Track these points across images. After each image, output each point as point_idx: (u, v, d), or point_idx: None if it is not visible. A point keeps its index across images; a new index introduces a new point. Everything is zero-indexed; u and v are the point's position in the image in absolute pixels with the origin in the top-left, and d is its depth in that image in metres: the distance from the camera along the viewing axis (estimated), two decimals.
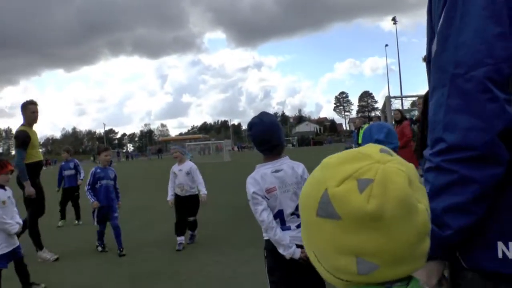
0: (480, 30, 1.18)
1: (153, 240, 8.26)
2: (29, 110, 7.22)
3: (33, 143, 7.11)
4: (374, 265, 0.83)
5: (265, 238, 3.17)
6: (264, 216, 3.03)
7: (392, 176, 0.82)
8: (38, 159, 7.20)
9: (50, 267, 6.79)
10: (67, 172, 10.77)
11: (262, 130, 3.10)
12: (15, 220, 5.27)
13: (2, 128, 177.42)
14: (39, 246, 7.12)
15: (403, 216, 0.81)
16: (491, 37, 1.17)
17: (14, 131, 7.82)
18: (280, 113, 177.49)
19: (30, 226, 6.97)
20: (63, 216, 10.61)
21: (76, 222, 10.72)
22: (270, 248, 3.12)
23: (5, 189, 5.30)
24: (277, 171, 3.11)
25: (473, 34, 1.19)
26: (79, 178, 10.80)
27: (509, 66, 1.18)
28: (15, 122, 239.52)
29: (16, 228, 5.19)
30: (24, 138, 6.99)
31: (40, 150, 7.60)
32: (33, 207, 7.09)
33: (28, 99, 7.38)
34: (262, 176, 3.09)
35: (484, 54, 1.17)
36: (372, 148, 0.88)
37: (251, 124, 3.16)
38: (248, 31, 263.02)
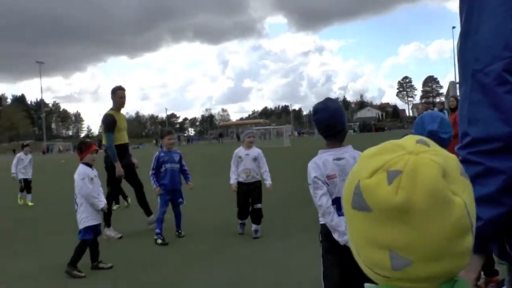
0: (497, 26, 1.22)
1: (210, 222, 8.43)
2: (118, 95, 7.75)
3: (119, 126, 7.61)
4: (407, 260, 0.80)
5: (321, 222, 3.21)
6: (323, 200, 3.08)
7: (422, 167, 0.79)
8: (123, 141, 7.70)
9: (113, 245, 7.07)
10: None
11: (326, 116, 3.14)
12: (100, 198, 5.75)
13: (72, 112, 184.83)
14: (107, 223, 7.44)
15: (434, 209, 0.78)
16: (508, 31, 1.20)
17: (82, 115, 8.34)
18: (341, 98, 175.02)
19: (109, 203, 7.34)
20: (116, 201, 10.18)
21: (116, 207, 10.05)
22: (326, 232, 3.16)
23: (92, 168, 5.80)
24: (339, 159, 3.14)
25: (490, 29, 1.23)
26: None
27: None
28: (84, 107, 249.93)
29: (102, 204, 5.67)
30: (109, 122, 7.45)
31: None
32: (113, 187, 7.49)
33: (117, 85, 7.99)
34: (324, 162, 3.13)
35: (501, 48, 1.21)
36: (408, 139, 0.86)
37: (316, 110, 3.20)
38: (310, 15, 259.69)
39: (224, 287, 4.92)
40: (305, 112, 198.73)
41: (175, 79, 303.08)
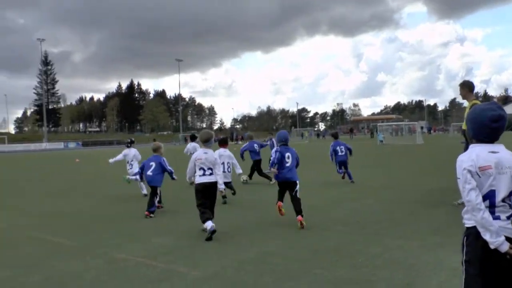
0: None
1: (339, 217, 8.38)
2: None
3: None
4: None
5: (467, 225, 2.99)
6: (472, 196, 2.86)
7: None
8: None
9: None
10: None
11: (505, 124, 2.99)
12: None
13: (206, 106, 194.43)
14: None
15: None
16: None
17: (216, 109, 9.09)
18: (481, 92, 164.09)
19: None
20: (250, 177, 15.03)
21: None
22: (472, 236, 2.94)
23: None
24: (493, 152, 2.95)
25: None
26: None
27: None
28: (217, 101, 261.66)
29: None
30: None
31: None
32: None
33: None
34: (477, 154, 2.94)
35: None
36: None
37: (501, 116, 2.96)
38: (452, 1, 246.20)
39: (346, 285, 4.85)
40: (440, 108, 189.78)
41: (308, 73, 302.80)
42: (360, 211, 8.90)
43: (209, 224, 7.04)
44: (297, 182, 8.00)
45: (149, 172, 9.60)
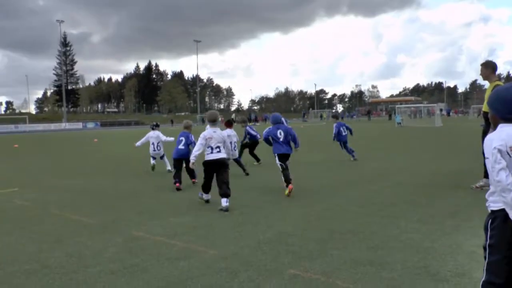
0: None
1: (355, 199, 8.44)
2: None
3: None
4: None
5: (492, 208, 2.94)
6: (502, 176, 2.79)
7: None
8: None
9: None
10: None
11: None
12: None
13: (224, 87, 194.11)
14: None
15: None
16: None
17: (233, 90, 9.39)
18: (504, 74, 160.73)
19: None
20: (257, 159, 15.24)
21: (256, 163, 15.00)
22: (499, 220, 2.90)
23: None
24: None
25: None
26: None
27: None
28: (235, 82, 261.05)
29: None
30: None
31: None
32: None
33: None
34: (507, 133, 2.87)
35: None
36: None
37: None
38: None
39: (362, 267, 4.88)
40: (460, 90, 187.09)
41: (327, 54, 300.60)
42: (376, 193, 8.92)
43: (205, 195, 8.48)
44: (290, 154, 9.48)
45: (180, 146, 10.59)
